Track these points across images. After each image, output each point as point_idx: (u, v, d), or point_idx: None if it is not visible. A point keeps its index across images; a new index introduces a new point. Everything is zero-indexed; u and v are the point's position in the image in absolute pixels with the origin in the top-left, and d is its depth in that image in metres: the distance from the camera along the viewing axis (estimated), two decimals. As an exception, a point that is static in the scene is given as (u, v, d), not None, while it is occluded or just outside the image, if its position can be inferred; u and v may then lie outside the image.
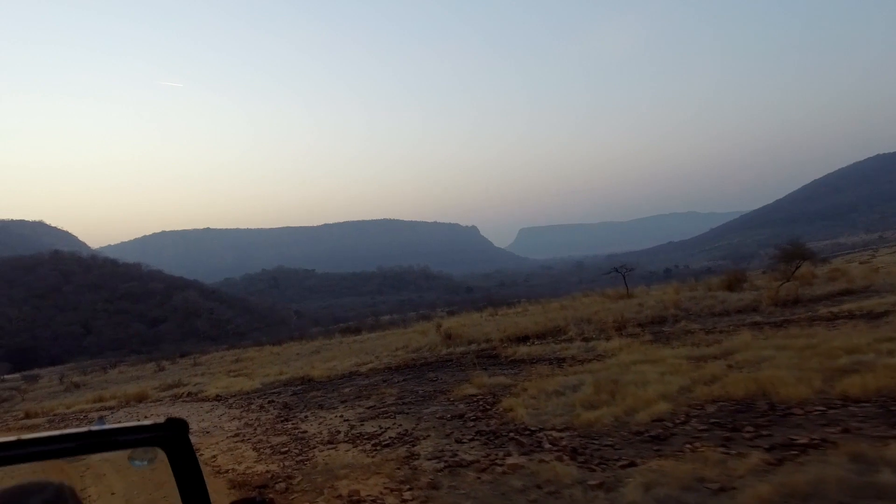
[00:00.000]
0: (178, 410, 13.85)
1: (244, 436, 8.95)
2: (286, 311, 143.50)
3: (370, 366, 14.71)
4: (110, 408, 16.89)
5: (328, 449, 7.07)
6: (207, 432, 9.80)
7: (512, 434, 6.24)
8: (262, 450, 7.74)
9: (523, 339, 14.20)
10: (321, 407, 10.09)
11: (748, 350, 8.06)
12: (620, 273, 23.64)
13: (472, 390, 8.85)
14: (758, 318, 11.67)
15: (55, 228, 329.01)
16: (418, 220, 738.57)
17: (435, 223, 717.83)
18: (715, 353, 8.46)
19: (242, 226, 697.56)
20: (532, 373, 9.60)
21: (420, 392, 9.79)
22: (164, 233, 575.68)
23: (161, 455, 0.93)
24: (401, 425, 7.60)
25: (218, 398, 14.39)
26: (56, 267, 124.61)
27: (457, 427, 7.03)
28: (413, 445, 6.52)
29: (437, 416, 7.81)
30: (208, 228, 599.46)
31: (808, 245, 19.31)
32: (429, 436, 6.81)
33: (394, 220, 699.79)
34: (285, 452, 7.31)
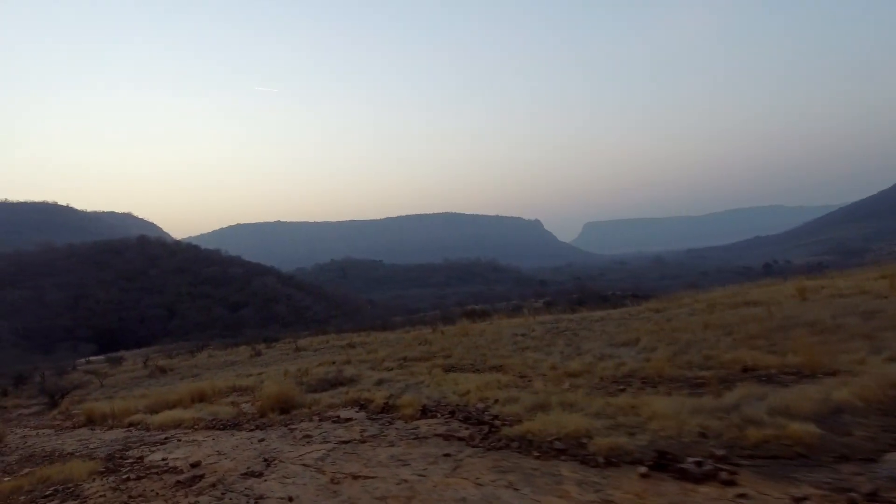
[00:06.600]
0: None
1: None
2: (359, 300, 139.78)
3: None
4: (235, 423, 7.78)
5: None
6: None
7: None
8: None
9: None
10: None
11: None
12: None
13: None
14: None
15: (141, 220, 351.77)
16: (480, 213, 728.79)
17: (497, 217, 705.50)
18: None
19: (311, 219, 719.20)
20: None
21: None
22: (238, 225, 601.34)
23: None
24: None
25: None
26: (142, 251, 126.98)
27: None
28: None
29: None
30: (279, 221, 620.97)
31: None
32: None
33: (455, 213, 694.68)
34: None
